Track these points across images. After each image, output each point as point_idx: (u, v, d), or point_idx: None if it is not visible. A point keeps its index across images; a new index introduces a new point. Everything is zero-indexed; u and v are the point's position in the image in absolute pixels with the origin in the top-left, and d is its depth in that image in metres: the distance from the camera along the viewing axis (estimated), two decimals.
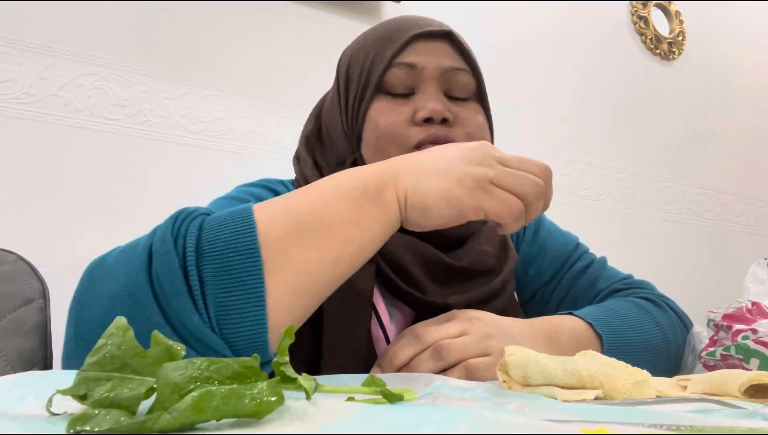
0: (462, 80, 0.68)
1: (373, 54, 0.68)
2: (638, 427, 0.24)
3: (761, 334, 0.59)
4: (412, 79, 0.66)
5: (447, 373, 0.52)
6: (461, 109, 0.67)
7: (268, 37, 1.55)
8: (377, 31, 0.71)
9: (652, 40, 2.22)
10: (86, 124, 1.32)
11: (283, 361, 0.28)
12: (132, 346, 0.27)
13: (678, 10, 2.31)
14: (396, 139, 0.64)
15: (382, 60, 0.67)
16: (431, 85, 0.66)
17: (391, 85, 0.66)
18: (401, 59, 0.66)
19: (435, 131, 0.64)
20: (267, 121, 1.52)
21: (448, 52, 0.68)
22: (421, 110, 0.64)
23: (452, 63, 0.68)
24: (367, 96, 0.67)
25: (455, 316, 0.57)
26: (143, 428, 0.23)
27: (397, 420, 0.24)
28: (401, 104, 0.66)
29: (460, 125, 0.66)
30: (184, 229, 0.45)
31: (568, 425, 0.24)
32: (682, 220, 2.22)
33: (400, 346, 0.55)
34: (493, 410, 0.28)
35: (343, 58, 0.74)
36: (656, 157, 2.19)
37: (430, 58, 0.67)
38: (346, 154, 0.70)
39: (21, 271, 0.80)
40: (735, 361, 0.60)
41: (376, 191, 0.48)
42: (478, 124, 0.68)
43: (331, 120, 0.73)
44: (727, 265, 2.18)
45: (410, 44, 0.67)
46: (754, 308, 0.64)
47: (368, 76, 0.68)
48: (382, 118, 0.66)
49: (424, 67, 0.66)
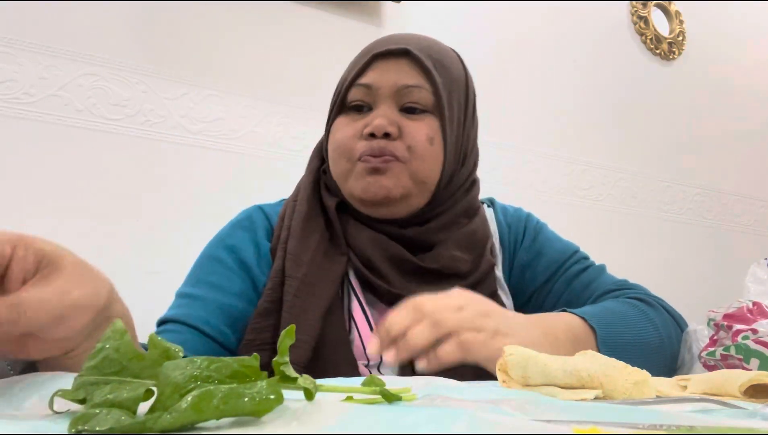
0: (416, 96, 0.73)
1: (344, 75, 0.78)
2: (637, 427, 0.24)
3: (761, 334, 0.59)
4: (369, 97, 0.73)
5: (440, 348, 0.54)
6: (411, 123, 0.72)
7: (268, 37, 1.55)
8: (357, 54, 0.79)
9: (652, 40, 2.22)
10: (86, 124, 1.32)
11: (283, 361, 0.28)
12: (129, 349, 0.27)
13: (678, 10, 2.31)
14: (345, 151, 0.73)
15: (346, 81, 0.75)
16: (385, 102, 0.73)
17: (350, 102, 0.74)
18: (361, 80, 0.74)
19: (375, 144, 0.70)
20: (267, 121, 1.52)
21: (405, 69, 0.74)
22: (368, 125, 0.71)
23: (407, 80, 0.73)
24: (334, 112, 0.76)
25: (456, 293, 0.60)
26: (144, 428, 0.23)
27: (395, 420, 0.24)
28: (357, 120, 0.74)
29: (404, 138, 0.71)
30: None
31: (562, 425, 0.24)
32: (682, 220, 2.22)
33: (398, 314, 0.56)
34: (491, 410, 0.28)
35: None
36: (656, 157, 2.19)
37: (387, 77, 0.73)
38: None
39: None
40: (735, 361, 0.60)
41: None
42: (424, 138, 0.73)
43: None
44: (727, 265, 2.18)
45: (372, 64, 0.74)
46: (755, 308, 0.64)
47: (337, 96, 0.77)
48: (338, 133, 0.74)
49: (379, 87, 0.73)
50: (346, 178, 0.73)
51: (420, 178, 0.73)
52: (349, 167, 0.72)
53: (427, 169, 0.73)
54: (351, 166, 0.72)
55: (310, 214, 0.75)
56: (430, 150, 0.73)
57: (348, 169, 0.73)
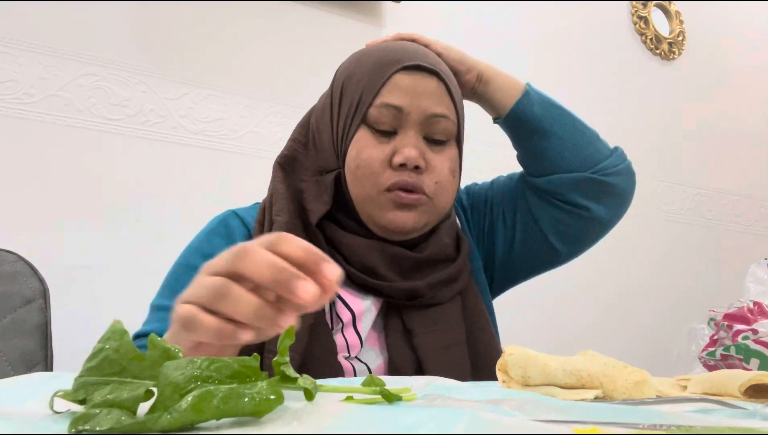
0: (443, 126, 0.72)
1: (364, 81, 0.72)
2: (637, 427, 0.24)
3: (761, 334, 0.59)
4: (397, 121, 0.71)
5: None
6: (436, 155, 0.72)
7: (269, 37, 1.55)
8: (372, 55, 0.74)
9: (652, 40, 2.22)
10: (86, 124, 1.32)
11: (283, 361, 0.28)
12: (129, 349, 0.27)
13: (678, 10, 2.31)
14: (372, 176, 0.70)
15: (370, 93, 0.71)
16: (413, 129, 0.71)
17: (376, 121, 0.71)
18: (388, 99, 0.70)
19: (406, 177, 0.69)
20: (267, 121, 1.52)
21: (434, 93, 0.72)
22: (398, 155, 0.69)
23: (437, 108, 0.71)
24: (355, 122, 0.72)
25: None
26: (144, 428, 0.23)
27: (396, 420, 0.24)
28: (382, 142, 0.71)
29: (430, 172, 0.71)
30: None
31: (562, 425, 0.24)
32: (682, 220, 2.22)
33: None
34: (491, 410, 0.28)
35: (339, 74, 0.77)
36: (656, 157, 2.19)
37: (417, 101, 0.70)
38: (330, 163, 0.75)
39: (21, 272, 0.80)
40: (735, 361, 0.60)
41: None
42: (449, 171, 0.73)
43: (320, 128, 0.77)
44: (727, 265, 2.18)
45: (397, 76, 0.71)
46: (756, 308, 0.64)
47: (358, 103, 0.72)
48: (363, 151, 0.71)
49: (410, 112, 0.70)
50: (367, 203, 0.72)
51: (440, 212, 0.75)
52: (374, 195, 0.71)
53: (448, 202, 0.75)
54: (376, 195, 0.70)
55: (291, 221, 0.72)
56: (453, 182, 0.74)
57: (373, 196, 0.71)
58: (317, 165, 0.76)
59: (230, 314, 0.37)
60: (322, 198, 0.73)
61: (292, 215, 0.72)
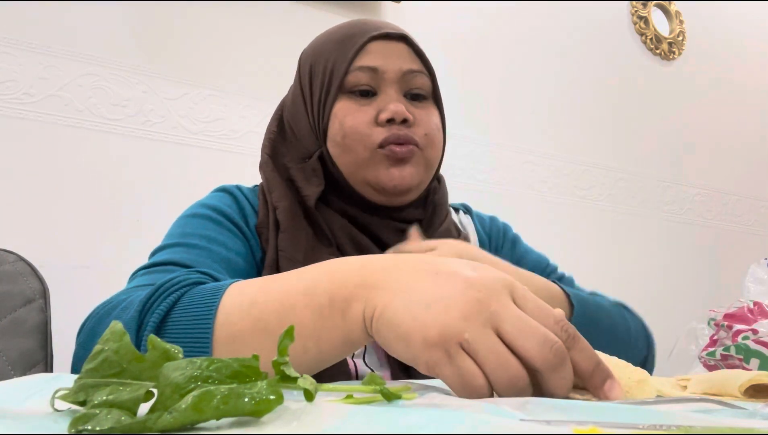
0: (420, 81, 0.73)
1: (335, 55, 0.73)
2: (637, 427, 0.24)
3: (761, 334, 0.59)
4: (374, 81, 0.71)
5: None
6: (419, 110, 0.73)
7: (268, 37, 1.55)
8: (337, 32, 0.76)
9: (652, 40, 2.22)
10: (86, 124, 1.32)
11: (283, 361, 0.29)
12: (129, 350, 0.27)
13: (678, 10, 2.31)
14: (361, 138, 0.70)
15: (343, 62, 0.72)
16: (392, 87, 0.72)
17: (354, 85, 0.71)
18: (362, 62, 0.71)
19: (396, 131, 0.69)
20: (267, 121, 1.52)
21: (405, 53, 0.73)
22: (384, 111, 0.70)
23: (411, 65, 0.73)
24: (331, 96, 0.72)
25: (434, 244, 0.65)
26: (144, 428, 0.23)
27: (396, 421, 0.24)
28: (364, 105, 0.71)
29: (419, 125, 0.72)
30: (153, 309, 0.48)
31: (562, 425, 0.24)
32: (682, 220, 2.22)
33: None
34: (491, 411, 0.28)
35: (304, 58, 0.78)
36: (656, 157, 2.19)
37: (390, 61, 0.72)
38: (311, 148, 0.75)
39: (21, 271, 0.80)
40: (735, 361, 0.60)
41: (344, 302, 0.41)
42: (435, 126, 0.74)
43: (294, 117, 0.77)
44: (727, 265, 2.18)
45: (368, 45, 0.72)
46: (756, 308, 0.64)
47: (331, 75, 0.72)
48: (347, 118, 0.71)
49: (385, 70, 0.71)
50: (361, 167, 0.71)
51: (431, 165, 0.74)
52: (368, 156, 0.70)
53: (437, 156, 0.75)
54: (370, 155, 0.70)
55: (293, 207, 0.72)
56: (440, 137, 0.75)
57: (366, 157, 0.70)
58: (299, 153, 0.76)
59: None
60: (313, 181, 0.73)
61: (291, 202, 0.72)
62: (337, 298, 0.41)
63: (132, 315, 0.48)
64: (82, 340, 0.53)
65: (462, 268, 0.39)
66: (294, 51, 1.61)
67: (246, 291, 0.47)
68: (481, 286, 0.37)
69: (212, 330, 0.45)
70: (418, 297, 0.38)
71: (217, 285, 0.49)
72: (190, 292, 0.49)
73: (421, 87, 0.73)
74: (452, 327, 0.35)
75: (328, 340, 0.42)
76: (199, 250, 0.64)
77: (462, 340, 0.35)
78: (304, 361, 0.42)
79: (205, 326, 0.45)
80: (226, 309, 0.46)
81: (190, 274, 0.53)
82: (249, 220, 0.73)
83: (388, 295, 0.39)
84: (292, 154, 0.77)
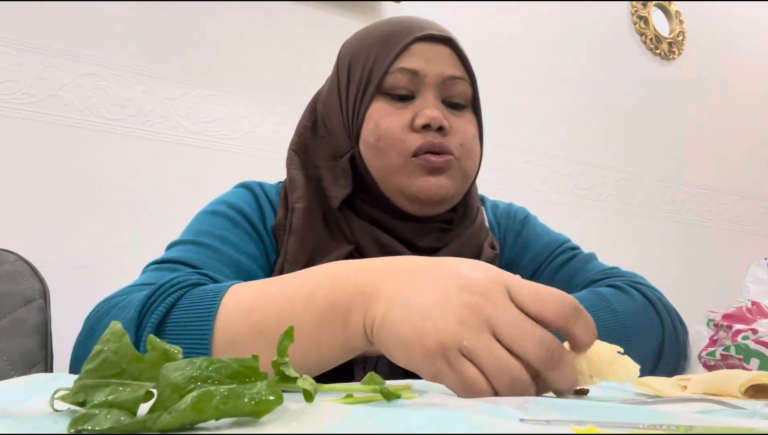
0: (460, 89, 0.70)
1: (375, 53, 0.70)
2: (637, 427, 0.24)
3: (761, 334, 0.59)
4: (414, 84, 0.68)
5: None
6: (457, 118, 0.70)
7: (268, 37, 1.55)
8: (379, 29, 0.73)
9: (652, 40, 2.22)
10: (86, 124, 1.32)
11: (283, 361, 0.28)
12: (129, 351, 0.27)
13: (678, 10, 2.31)
14: (395, 143, 0.67)
15: (384, 61, 0.69)
16: (431, 92, 0.68)
17: (393, 87, 0.68)
18: (404, 63, 0.68)
19: (432, 139, 0.66)
20: (267, 121, 1.52)
21: (448, 58, 0.70)
22: (420, 117, 0.67)
23: (453, 71, 0.69)
24: (368, 95, 0.69)
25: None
26: (143, 428, 0.23)
27: (397, 422, 0.24)
28: (401, 108, 0.68)
29: (454, 134, 0.69)
30: (154, 308, 0.48)
31: (561, 426, 0.24)
32: (682, 220, 2.22)
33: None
34: (490, 410, 0.28)
35: (344, 53, 0.75)
36: (656, 157, 2.19)
37: (432, 65, 0.68)
38: (343, 146, 0.72)
39: (21, 271, 0.80)
40: (735, 361, 0.60)
41: (344, 311, 0.41)
42: (472, 136, 0.70)
43: (329, 112, 0.74)
44: (727, 265, 2.18)
45: (411, 46, 0.69)
46: (754, 308, 0.64)
47: (370, 75, 0.69)
48: (382, 120, 0.68)
49: (426, 74, 0.68)
50: (393, 173, 0.68)
51: (467, 177, 0.71)
52: (401, 163, 0.67)
53: (473, 167, 0.72)
54: (404, 162, 0.67)
55: (310, 209, 0.69)
56: (476, 148, 0.72)
57: (400, 164, 0.67)
58: (330, 150, 0.73)
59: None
60: (341, 182, 0.70)
61: (311, 202, 0.70)
62: (336, 306, 0.41)
63: (131, 315, 0.48)
64: (80, 337, 0.53)
65: (457, 268, 0.39)
66: (294, 51, 1.60)
67: (245, 294, 0.47)
68: (475, 287, 0.37)
69: (210, 335, 0.45)
70: (415, 303, 0.38)
71: (217, 288, 0.49)
72: (183, 298, 0.49)
73: (460, 95, 0.70)
74: (450, 334, 0.36)
75: (328, 346, 0.42)
76: (211, 250, 0.64)
77: (461, 346, 0.35)
78: (304, 365, 0.42)
79: (204, 331, 0.45)
80: (225, 311, 0.46)
81: (190, 275, 0.53)
82: (267, 221, 0.71)
83: (386, 304, 0.39)
84: (323, 150, 0.74)
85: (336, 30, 1.62)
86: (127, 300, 0.51)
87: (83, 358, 0.51)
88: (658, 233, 2.15)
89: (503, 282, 0.38)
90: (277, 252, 0.70)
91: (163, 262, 0.62)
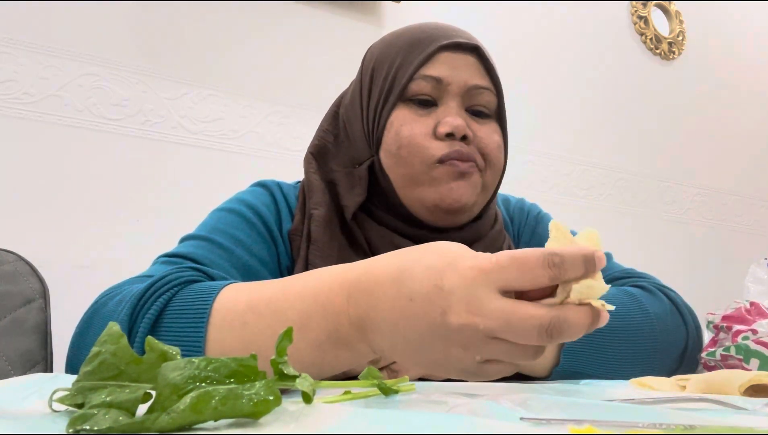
0: (485, 99, 0.69)
1: (399, 60, 0.68)
2: (636, 427, 0.24)
3: (761, 334, 0.59)
4: (437, 92, 0.67)
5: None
6: (480, 127, 0.68)
7: (268, 37, 1.55)
8: (405, 35, 0.71)
9: (652, 40, 2.22)
10: (86, 124, 1.32)
11: (282, 361, 0.28)
12: (126, 353, 0.27)
13: (678, 10, 2.31)
14: (418, 151, 0.65)
15: (408, 68, 0.67)
16: (454, 100, 0.67)
17: (415, 94, 0.67)
18: (428, 71, 0.67)
19: (458, 148, 0.65)
20: (267, 121, 1.52)
21: (474, 67, 0.69)
22: (443, 125, 0.65)
23: (478, 81, 0.68)
24: (390, 102, 0.68)
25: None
26: (142, 428, 0.23)
27: (396, 423, 0.24)
28: (423, 115, 0.67)
29: (477, 143, 0.67)
30: (145, 310, 0.48)
31: (559, 425, 0.24)
32: (682, 220, 2.22)
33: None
34: (491, 407, 0.28)
35: (369, 57, 0.74)
36: (656, 157, 2.19)
37: (457, 73, 0.67)
38: (363, 154, 0.70)
39: (21, 271, 0.80)
40: (735, 361, 0.60)
41: (347, 342, 0.42)
42: (496, 145, 0.69)
43: (350, 118, 0.73)
44: (727, 265, 2.18)
45: (437, 54, 0.67)
46: (753, 308, 0.64)
47: (392, 82, 0.68)
48: (404, 128, 0.66)
49: (450, 82, 0.67)
50: (415, 182, 0.66)
51: (488, 188, 0.69)
52: (425, 170, 0.65)
53: (495, 179, 0.70)
54: (427, 170, 0.65)
55: (329, 216, 0.68)
56: (501, 158, 0.70)
57: (423, 171, 0.65)
58: (349, 157, 0.72)
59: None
60: (356, 190, 0.69)
61: (329, 209, 0.69)
62: (334, 337, 0.42)
63: (122, 317, 0.48)
64: (78, 328, 0.53)
65: (434, 290, 0.37)
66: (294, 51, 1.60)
67: (239, 302, 0.47)
68: (458, 310, 0.36)
69: (204, 336, 0.46)
70: (414, 339, 0.38)
71: (212, 286, 0.49)
72: (174, 299, 0.49)
73: (485, 105, 0.69)
74: (463, 362, 0.38)
75: (330, 367, 0.44)
76: (222, 250, 0.63)
77: (477, 362, 0.38)
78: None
79: (196, 341, 0.46)
80: (218, 315, 0.47)
81: (183, 272, 0.53)
82: (283, 224, 0.70)
83: (387, 340, 0.40)
84: (342, 156, 0.73)
85: (336, 30, 1.62)
86: (123, 293, 0.52)
87: (79, 348, 0.50)
88: (658, 233, 2.15)
89: (483, 275, 0.37)
90: (291, 255, 0.69)
91: (172, 256, 0.61)
